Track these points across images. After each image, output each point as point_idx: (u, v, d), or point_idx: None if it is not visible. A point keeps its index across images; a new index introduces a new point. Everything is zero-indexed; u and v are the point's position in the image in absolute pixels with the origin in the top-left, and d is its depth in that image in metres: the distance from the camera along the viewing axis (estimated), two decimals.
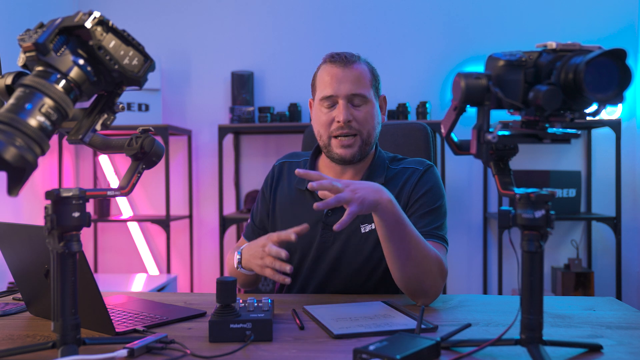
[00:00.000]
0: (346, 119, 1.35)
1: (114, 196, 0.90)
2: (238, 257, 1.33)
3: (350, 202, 1.11)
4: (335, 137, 1.38)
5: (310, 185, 1.16)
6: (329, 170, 1.47)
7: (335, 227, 1.10)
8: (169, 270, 3.22)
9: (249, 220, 1.57)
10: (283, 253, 1.18)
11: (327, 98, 1.38)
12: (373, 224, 1.40)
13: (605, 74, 0.77)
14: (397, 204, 1.18)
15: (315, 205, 1.12)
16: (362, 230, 1.40)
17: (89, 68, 0.79)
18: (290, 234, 1.21)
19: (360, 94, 1.37)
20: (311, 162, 1.50)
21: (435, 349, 0.87)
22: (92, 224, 3.53)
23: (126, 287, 2.90)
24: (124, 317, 1.13)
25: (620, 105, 2.10)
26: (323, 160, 1.48)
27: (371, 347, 0.83)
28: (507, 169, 0.89)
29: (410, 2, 3.37)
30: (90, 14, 0.78)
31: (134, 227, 3.55)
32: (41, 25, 0.81)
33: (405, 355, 0.81)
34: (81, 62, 0.79)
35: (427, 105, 3.18)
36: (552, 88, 0.77)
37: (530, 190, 0.82)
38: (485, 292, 3.34)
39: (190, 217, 3.47)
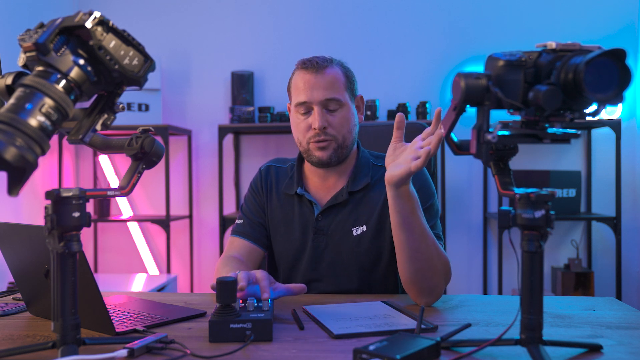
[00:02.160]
0: (321, 125, 1.35)
1: (114, 196, 0.90)
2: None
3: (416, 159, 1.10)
4: (313, 142, 1.38)
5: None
6: (313, 174, 1.47)
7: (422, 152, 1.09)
8: (169, 270, 3.22)
9: (240, 220, 1.51)
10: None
11: (302, 104, 1.37)
12: (365, 226, 1.40)
13: (605, 74, 0.77)
14: (417, 198, 1.19)
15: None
16: (354, 233, 1.40)
17: (89, 68, 0.79)
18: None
19: (335, 98, 1.36)
20: (298, 167, 1.49)
21: (435, 349, 0.87)
22: (92, 224, 3.53)
23: (126, 287, 2.90)
24: (124, 317, 1.13)
25: (620, 105, 2.11)
26: (309, 167, 1.48)
27: (371, 347, 0.83)
28: (507, 169, 0.89)
29: (410, 2, 3.36)
30: (90, 14, 0.78)
31: (134, 227, 3.55)
32: (41, 25, 0.81)
33: (405, 355, 0.81)
34: (81, 62, 0.79)
35: (427, 105, 3.18)
36: (552, 88, 0.77)
37: (530, 190, 0.82)
38: (485, 292, 3.34)
39: (190, 217, 3.47)
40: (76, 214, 0.82)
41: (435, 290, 1.22)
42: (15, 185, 0.71)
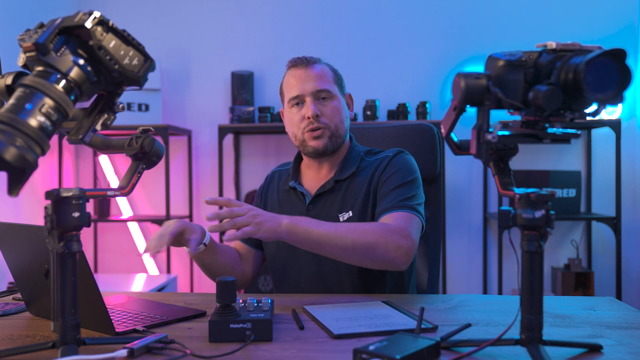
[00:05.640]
0: (314, 113, 1.42)
1: (114, 196, 0.90)
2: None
3: (249, 226, 1.19)
4: (308, 132, 1.44)
5: (205, 200, 1.26)
6: (309, 169, 1.53)
7: (225, 236, 1.22)
8: (169, 270, 3.22)
9: None
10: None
11: (295, 98, 1.45)
12: (350, 212, 1.44)
13: (605, 74, 0.77)
14: (299, 221, 1.24)
15: (206, 215, 1.24)
16: (341, 219, 1.44)
17: (89, 68, 0.79)
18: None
19: (325, 89, 1.44)
20: (294, 165, 1.56)
21: (435, 349, 0.87)
22: (92, 224, 3.53)
23: (126, 287, 2.90)
24: (124, 317, 1.13)
25: (620, 105, 2.11)
26: (304, 162, 1.55)
27: (371, 347, 0.83)
28: (507, 169, 0.89)
29: (410, 2, 3.36)
30: (90, 14, 0.78)
31: (134, 227, 3.55)
32: (41, 25, 0.81)
33: (405, 355, 0.81)
34: (81, 62, 0.79)
35: (427, 105, 3.18)
36: (552, 88, 0.77)
37: (530, 190, 0.82)
38: (485, 292, 3.34)
39: (190, 217, 3.47)
40: (76, 214, 0.82)
41: (392, 254, 1.26)
42: (15, 186, 0.71)
